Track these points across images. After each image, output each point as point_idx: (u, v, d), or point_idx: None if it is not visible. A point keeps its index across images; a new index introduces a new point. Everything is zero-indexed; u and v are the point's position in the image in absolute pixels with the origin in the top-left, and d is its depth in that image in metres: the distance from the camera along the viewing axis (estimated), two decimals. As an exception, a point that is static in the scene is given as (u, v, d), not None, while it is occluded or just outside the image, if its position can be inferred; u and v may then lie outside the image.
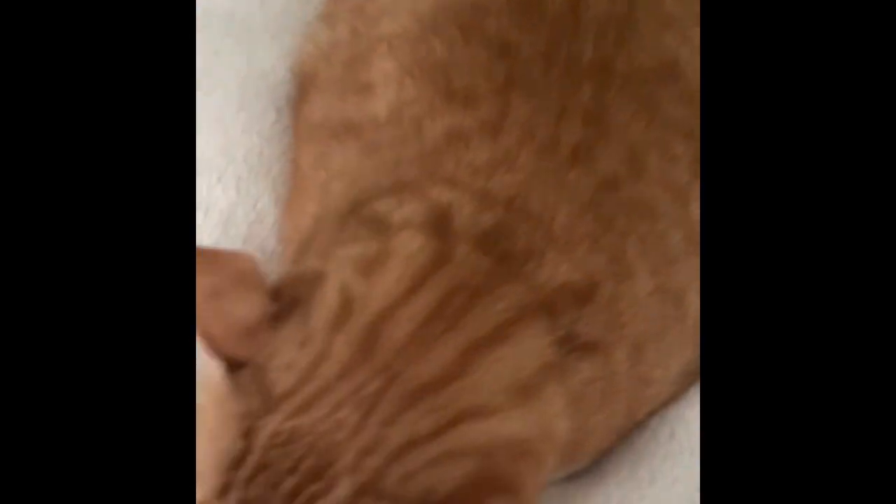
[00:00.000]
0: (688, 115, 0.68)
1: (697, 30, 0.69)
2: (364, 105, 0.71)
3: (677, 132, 0.68)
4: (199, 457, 0.55)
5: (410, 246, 0.61)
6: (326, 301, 0.58)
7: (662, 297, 0.67)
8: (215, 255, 0.61)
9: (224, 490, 0.55)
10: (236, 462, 0.55)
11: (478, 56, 0.68)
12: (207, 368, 0.57)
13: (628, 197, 0.66)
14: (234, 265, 0.59)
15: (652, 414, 0.72)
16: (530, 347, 0.60)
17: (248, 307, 0.57)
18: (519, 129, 0.66)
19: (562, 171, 0.66)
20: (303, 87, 0.79)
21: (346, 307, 0.58)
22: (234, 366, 0.56)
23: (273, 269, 0.77)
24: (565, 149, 0.66)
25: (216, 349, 0.56)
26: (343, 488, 0.54)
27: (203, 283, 0.55)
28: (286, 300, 0.58)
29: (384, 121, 0.69)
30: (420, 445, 0.55)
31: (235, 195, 0.78)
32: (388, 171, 0.67)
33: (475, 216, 0.63)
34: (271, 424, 0.55)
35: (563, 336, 0.61)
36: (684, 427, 0.72)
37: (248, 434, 0.55)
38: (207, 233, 0.76)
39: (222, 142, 0.79)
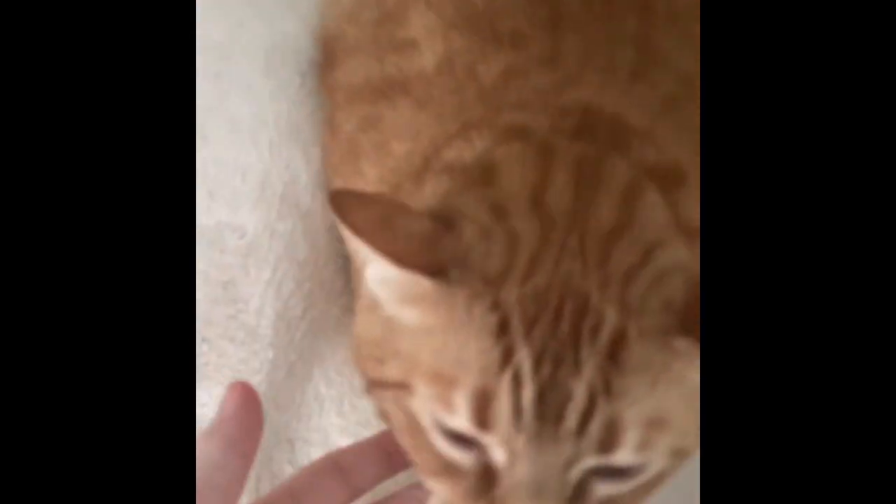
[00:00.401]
0: None
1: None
2: (408, 61, 0.72)
3: None
4: (440, 358, 0.57)
5: (510, 151, 0.63)
6: (473, 209, 0.60)
7: None
8: (361, 193, 0.64)
9: (507, 353, 0.56)
10: (502, 328, 0.56)
11: (517, 2, 0.70)
12: (408, 280, 0.58)
13: (688, 116, 0.67)
14: (386, 197, 0.62)
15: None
16: (659, 202, 0.62)
17: (418, 223, 0.59)
18: (574, 57, 0.68)
19: (626, 86, 0.67)
20: (330, 51, 0.81)
21: (498, 207, 0.59)
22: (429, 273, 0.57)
23: (310, 227, 0.82)
24: (623, 71, 0.68)
25: (405, 262, 0.57)
26: (611, 315, 0.56)
27: (366, 214, 0.57)
28: (440, 216, 0.60)
29: (434, 73, 0.71)
30: (638, 272, 0.58)
31: (269, 158, 0.81)
32: (452, 117, 0.68)
33: (554, 124, 0.64)
34: (511, 292, 0.57)
35: (671, 216, 0.62)
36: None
37: (496, 305, 0.56)
38: (246, 195, 0.79)
39: (253, 108, 0.82)
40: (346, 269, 0.84)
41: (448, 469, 0.60)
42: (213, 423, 0.63)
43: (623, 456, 0.57)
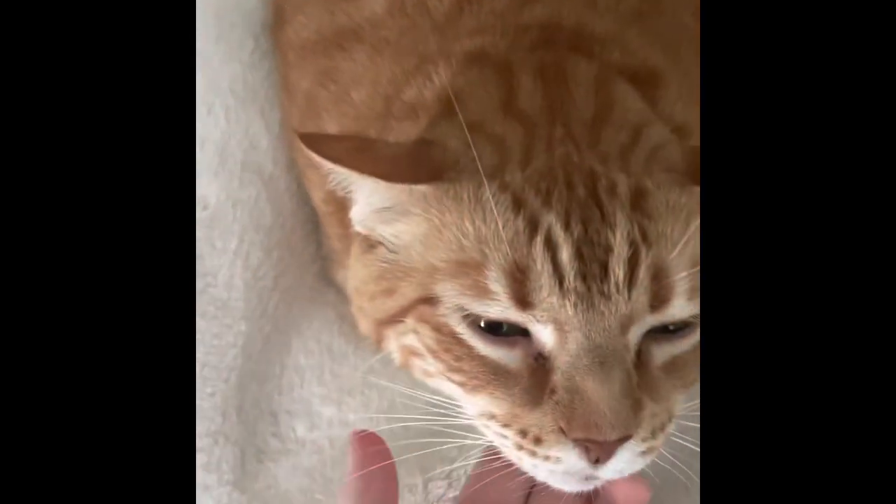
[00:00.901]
0: None
1: None
2: (357, 9, 0.70)
3: None
4: (461, 247, 0.55)
5: (469, 78, 0.61)
6: (450, 131, 0.58)
7: None
8: (332, 134, 0.64)
9: (533, 220, 0.54)
10: (518, 203, 0.54)
11: None
12: (401, 193, 0.57)
13: (656, 28, 0.67)
14: (358, 134, 0.61)
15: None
16: (632, 91, 0.61)
17: (398, 147, 0.58)
18: None
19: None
20: (279, 10, 0.79)
21: (473, 124, 0.57)
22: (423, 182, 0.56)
23: (274, 193, 0.79)
24: None
25: (396, 178, 0.55)
26: (623, 181, 0.55)
27: (343, 145, 0.56)
28: (418, 141, 0.58)
29: (385, 15, 0.69)
30: (633, 149, 0.57)
31: (226, 125, 0.78)
32: (409, 53, 0.67)
33: (513, 43, 0.63)
34: (515, 175, 0.55)
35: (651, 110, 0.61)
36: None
37: (504, 186, 0.55)
38: (206, 164, 0.77)
39: (207, 75, 0.79)
40: (316, 235, 0.82)
41: (498, 373, 0.56)
42: (344, 481, 0.62)
43: (677, 306, 0.54)
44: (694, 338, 0.56)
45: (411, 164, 0.56)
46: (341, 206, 0.69)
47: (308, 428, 0.78)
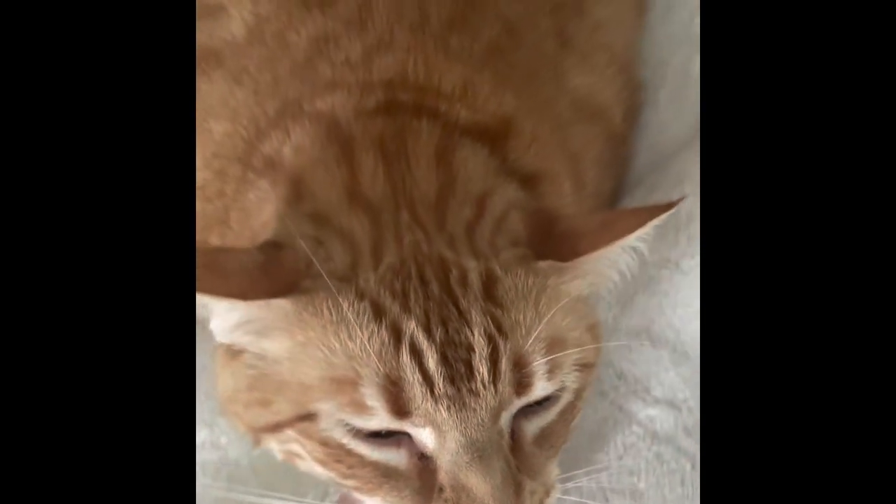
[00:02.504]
0: None
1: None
2: (219, 29, 0.69)
3: (539, 8, 0.70)
4: (331, 365, 0.55)
5: (313, 155, 0.61)
6: (297, 227, 0.58)
7: (564, 155, 0.69)
8: None
9: (395, 329, 0.55)
10: (378, 310, 0.55)
11: None
12: (260, 309, 0.57)
13: (514, 62, 0.68)
14: (202, 246, 0.60)
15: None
16: (476, 157, 0.62)
17: (247, 255, 0.57)
18: (384, 15, 0.66)
19: (442, 39, 0.66)
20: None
21: (317, 216, 0.58)
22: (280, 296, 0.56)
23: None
24: (438, 22, 0.66)
25: (250, 296, 0.55)
26: (471, 264, 0.56)
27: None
28: (267, 244, 0.58)
29: (245, 42, 0.67)
30: (478, 224, 0.58)
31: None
32: (269, 94, 0.66)
33: (358, 105, 0.63)
34: (369, 278, 0.55)
35: (499, 165, 0.63)
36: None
37: (361, 294, 0.55)
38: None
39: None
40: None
41: (389, 476, 0.57)
42: None
43: (540, 387, 0.56)
44: (559, 405, 0.59)
45: (264, 276, 0.56)
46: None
47: (180, 452, 0.76)
